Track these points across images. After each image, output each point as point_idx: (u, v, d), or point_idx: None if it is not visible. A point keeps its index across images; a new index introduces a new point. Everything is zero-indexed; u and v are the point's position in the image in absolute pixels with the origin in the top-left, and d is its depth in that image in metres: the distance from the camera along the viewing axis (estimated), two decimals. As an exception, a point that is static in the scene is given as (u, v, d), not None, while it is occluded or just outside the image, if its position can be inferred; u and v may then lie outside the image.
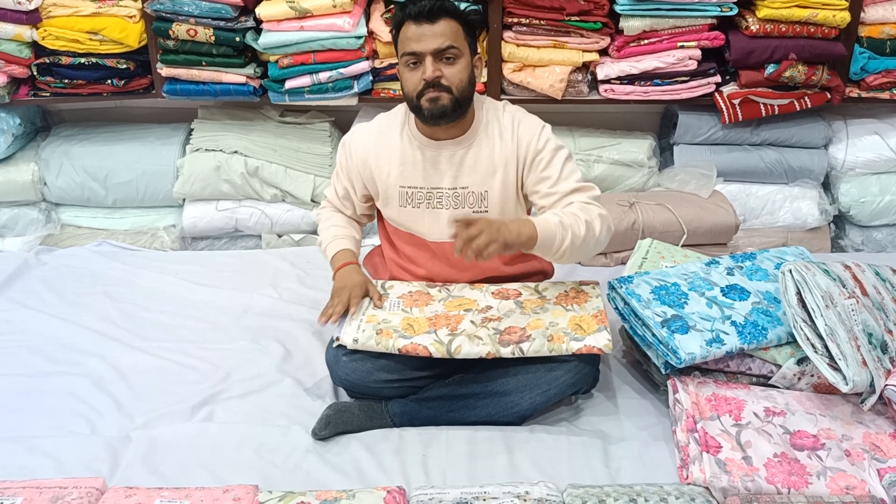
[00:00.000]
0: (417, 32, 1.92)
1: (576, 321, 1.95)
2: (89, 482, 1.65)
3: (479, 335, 1.92)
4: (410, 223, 2.13)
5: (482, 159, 2.05)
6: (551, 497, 1.64)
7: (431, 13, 1.91)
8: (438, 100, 1.94)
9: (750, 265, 2.17)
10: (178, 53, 2.95)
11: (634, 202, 2.94)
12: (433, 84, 1.92)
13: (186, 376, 2.21)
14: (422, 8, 1.91)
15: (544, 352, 1.89)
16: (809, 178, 3.17)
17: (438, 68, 1.93)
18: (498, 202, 2.07)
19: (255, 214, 3.12)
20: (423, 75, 1.93)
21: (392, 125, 2.11)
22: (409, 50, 1.94)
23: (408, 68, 1.97)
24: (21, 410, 2.07)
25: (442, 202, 2.08)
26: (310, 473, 1.84)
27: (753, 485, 1.68)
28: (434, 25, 1.92)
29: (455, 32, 1.94)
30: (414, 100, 1.97)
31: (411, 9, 1.93)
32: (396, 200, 2.11)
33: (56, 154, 3.13)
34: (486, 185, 2.06)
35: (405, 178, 2.08)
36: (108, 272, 2.77)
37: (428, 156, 2.06)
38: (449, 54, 1.93)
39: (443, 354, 1.89)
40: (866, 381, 1.79)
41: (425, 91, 1.94)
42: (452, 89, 1.94)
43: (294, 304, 2.58)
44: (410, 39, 1.93)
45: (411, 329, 1.94)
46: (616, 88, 3.04)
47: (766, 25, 2.90)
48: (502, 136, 2.06)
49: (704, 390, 1.91)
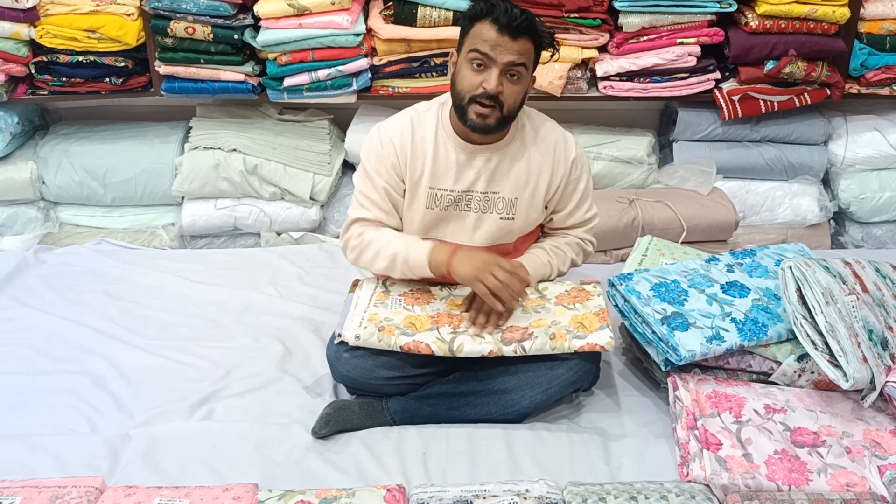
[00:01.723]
0: (497, 39, 1.85)
1: (578, 319, 1.95)
2: (88, 481, 1.65)
3: (482, 334, 1.91)
4: (433, 224, 2.07)
5: (517, 167, 2.04)
6: (551, 495, 1.64)
7: (519, 28, 1.85)
8: (487, 117, 1.90)
9: (750, 262, 2.17)
10: (177, 51, 2.94)
11: (634, 199, 2.94)
12: (490, 96, 1.88)
13: (186, 374, 2.21)
14: (512, 19, 1.84)
15: (546, 350, 1.89)
16: (809, 174, 3.17)
17: (502, 83, 1.87)
18: (524, 210, 2.06)
19: (254, 212, 3.11)
20: (484, 83, 1.87)
21: (424, 122, 2.04)
22: (482, 50, 1.86)
23: (470, 66, 1.89)
24: (21, 408, 2.07)
25: (471, 205, 2.05)
26: (310, 471, 1.84)
27: (754, 482, 1.67)
28: (515, 42, 1.86)
29: (529, 52, 1.90)
30: (464, 101, 1.91)
31: (500, 15, 1.85)
32: (423, 201, 2.04)
33: (54, 152, 3.13)
34: (517, 193, 2.04)
35: (436, 179, 2.02)
36: (107, 270, 2.77)
37: (462, 159, 2.02)
38: (515, 72, 1.88)
39: (445, 352, 1.89)
40: (867, 378, 1.79)
41: (479, 99, 1.89)
42: (505, 107, 1.90)
43: (294, 301, 2.57)
44: (487, 41, 1.86)
45: (413, 327, 1.94)
46: (615, 85, 3.04)
47: (766, 22, 2.89)
48: (539, 147, 2.05)
49: (705, 387, 1.91)
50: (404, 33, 2.92)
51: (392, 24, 2.92)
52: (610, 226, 2.85)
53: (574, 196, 2.12)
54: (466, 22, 1.92)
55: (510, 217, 2.06)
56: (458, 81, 1.92)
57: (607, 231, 2.84)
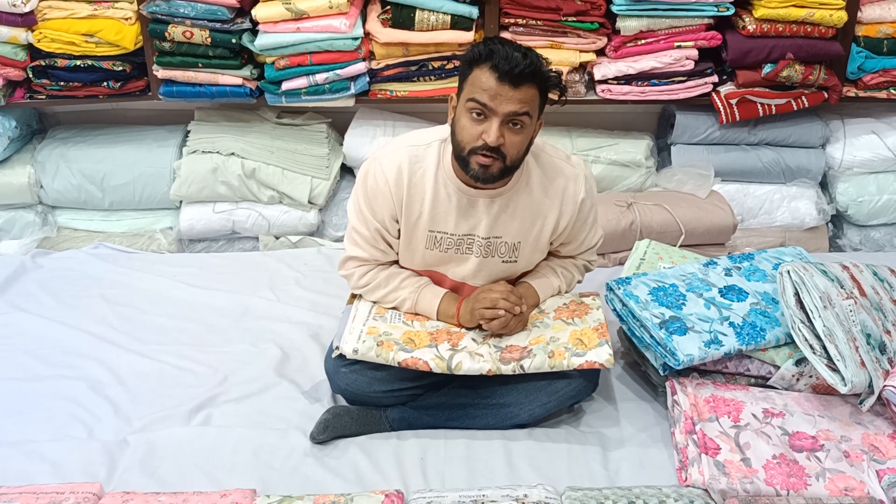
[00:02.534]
0: (496, 89, 1.73)
1: (577, 335, 1.94)
2: (86, 487, 1.65)
3: (480, 352, 1.90)
4: (433, 263, 2.01)
5: (521, 210, 1.95)
6: (550, 500, 1.63)
7: (521, 76, 1.72)
8: (489, 167, 1.79)
9: (748, 266, 2.17)
10: (175, 55, 2.94)
11: (632, 202, 2.94)
12: (491, 148, 1.77)
13: (184, 379, 2.20)
14: (513, 67, 1.71)
15: (545, 368, 1.88)
16: (807, 177, 3.17)
17: (503, 134, 1.76)
18: (528, 254, 2.01)
19: (253, 216, 3.11)
20: (484, 135, 1.76)
21: (422, 161, 1.92)
22: (481, 100, 1.74)
23: (469, 116, 1.78)
24: (18, 414, 2.06)
25: (472, 249, 1.97)
26: (308, 477, 1.84)
27: (752, 486, 1.67)
28: (517, 90, 1.73)
29: (533, 99, 1.77)
30: (464, 152, 1.80)
31: (501, 62, 1.71)
32: (423, 242, 1.97)
33: (52, 156, 3.12)
34: (520, 237, 1.97)
35: (435, 222, 1.93)
36: (105, 275, 2.76)
37: (464, 202, 1.92)
38: (518, 121, 1.76)
39: (443, 370, 1.87)
40: (865, 382, 1.79)
41: (480, 151, 1.78)
42: (507, 158, 1.79)
43: (292, 306, 2.57)
44: (485, 90, 1.74)
45: (412, 342, 1.93)
46: (613, 89, 3.04)
47: (763, 25, 2.89)
48: (546, 190, 1.96)
49: (703, 392, 1.91)
50: (402, 37, 2.92)
51: (390, 28, 2.92)
52: (608, 229, 2.85)
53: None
54: (465, 66, 1.80)
55: (513, 260, 2.01)
56: (458, 131, 1.81)
57: (605, 234, 2.81)
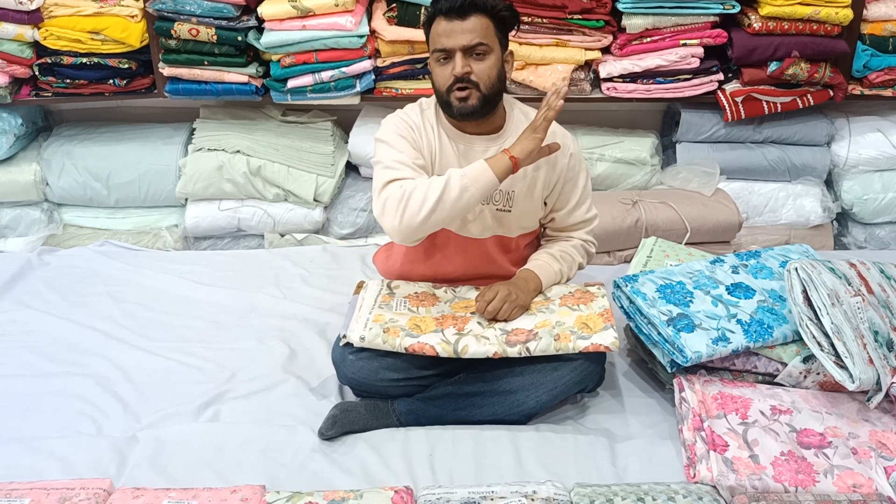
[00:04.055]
0: (448, 28, 1.93)
1: (582, 320, 1.95)
2: (97, 483, 1.65)
3: (486, 335, 1.92)
4: None
5: None
6: (559, 496, 1.64)
7: (462, 9, 1.91)
8: (468, 98, 1.94)
9: (755, 263, 2.17)
10: (180, 53, 2.95)
11: (637, 200, 2.94)
12: (462, 79, 1.93)
13: (192, 376, 2.21)
14: (453, 4, 1.91)
15: (551, 351, 1.89)
16: (812, 175, 3.17)
17: (468, 64, 1.93)
18: (521, 202, 2.09)
19: (258, 214, 3.11)
20: (452, 71, 1.93)
21: (427, 113, 2.09)
22: (439, 46, 1.95)
23: (438, 64, 1.97)
24: (26, 411, 2.07)
25: None
26: (316, 473, 1.84)
27: (761, 483, 1.68)
28: (464, 21, 1.92)
29: (485, 28, 1.94)
30: (444, 95, 1.97)
31: (442, 4, 1.93)
32: None
33: (58, 154, 3.13)
34: (514, 186, 2.05)
35: (441, 167, 2.04)
36: (111, 272, 2.77)
37: (461, 149, 2.05)
38: (479, 50, 1.93)
39: (449, 354, 1.89)
40: (872, 379, 1.79)
41: (454, 87, 1.94)
42: (481, 85, 1.94)
43: (298, 303, 2.57)
44: (441, 35, 1.94)
45: (418, 328, 1.94)
46: (618, 86, 3.04)
47: (769, 23, 2.89)
48: None
49: (710, 389, 1.91)
50: (408, 35, 2.92)
51: (395, 26, 2.93)
52: (613, 227, 2.85)
53: (574, 193, 2.14)
54: (426, 31, 2.01)
55: (507, 209, 2.08)
56: (434, 81, 2.00)
57: (611, 232, 2.84)
